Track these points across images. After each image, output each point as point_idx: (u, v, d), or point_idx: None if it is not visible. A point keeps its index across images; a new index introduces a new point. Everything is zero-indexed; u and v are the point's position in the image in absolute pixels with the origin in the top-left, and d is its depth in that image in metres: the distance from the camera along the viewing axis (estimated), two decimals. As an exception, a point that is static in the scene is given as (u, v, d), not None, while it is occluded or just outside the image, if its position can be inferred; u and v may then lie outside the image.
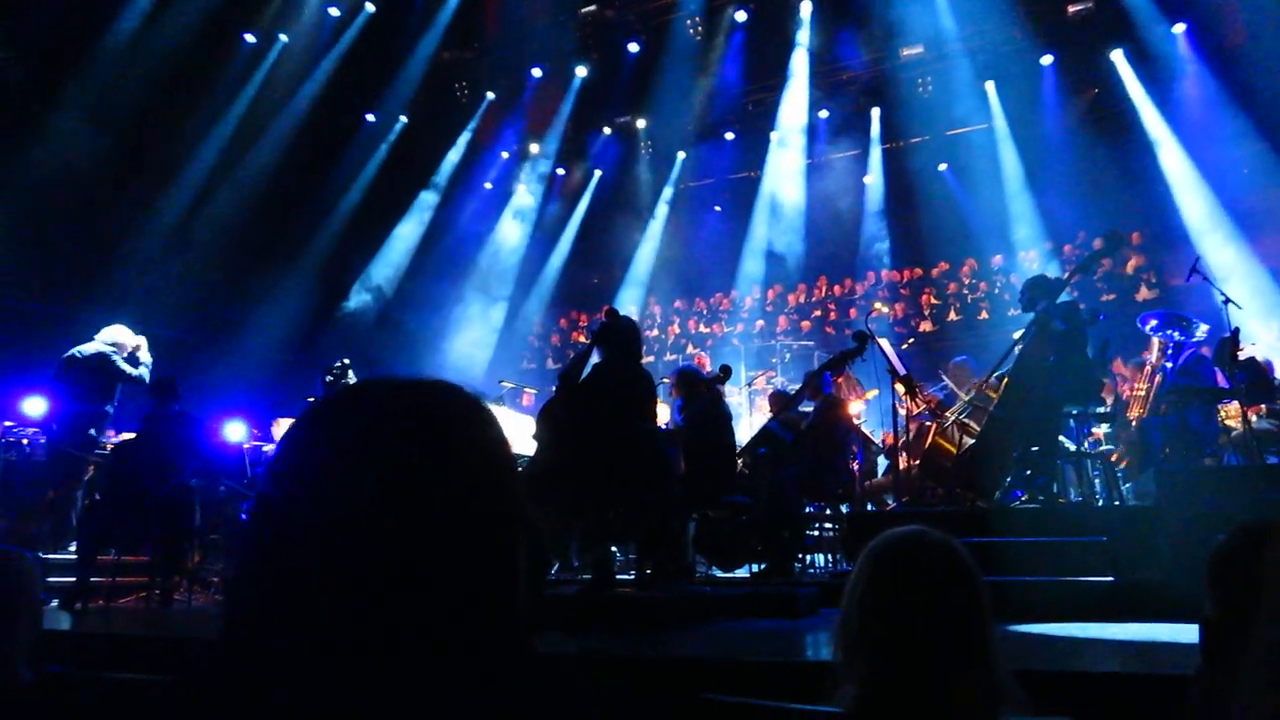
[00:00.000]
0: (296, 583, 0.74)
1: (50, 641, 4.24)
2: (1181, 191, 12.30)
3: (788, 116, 15.49)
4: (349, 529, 0.74)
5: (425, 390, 0.83)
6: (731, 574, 7.08)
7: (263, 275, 14.07)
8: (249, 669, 0.74)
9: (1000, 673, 1.53)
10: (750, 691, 2.42)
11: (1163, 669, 2.87)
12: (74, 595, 6.02)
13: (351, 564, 0.73)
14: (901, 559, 1.53)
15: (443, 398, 0.83)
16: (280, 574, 0.75)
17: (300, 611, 0.73)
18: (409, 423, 0.79)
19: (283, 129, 14.15)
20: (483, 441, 0.82)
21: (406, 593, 0.74)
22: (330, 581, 0.73)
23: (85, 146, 11.58)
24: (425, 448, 0.78)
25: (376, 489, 0.75)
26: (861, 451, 8.43)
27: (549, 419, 5.65)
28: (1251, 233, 11.44)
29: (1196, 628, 1.61)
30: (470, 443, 0.81)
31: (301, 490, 0.77)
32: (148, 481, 6.30)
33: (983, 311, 13.44)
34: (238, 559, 0.80)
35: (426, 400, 0.82)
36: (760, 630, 4.60)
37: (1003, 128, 14.25)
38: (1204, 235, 11.61)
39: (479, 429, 0.83)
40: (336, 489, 0.75)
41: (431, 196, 16.31)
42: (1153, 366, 8.19)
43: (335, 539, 0.74)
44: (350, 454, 0.77)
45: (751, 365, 13.13)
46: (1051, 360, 6.33)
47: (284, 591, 0.74)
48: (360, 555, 0.73)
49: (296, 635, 0.73)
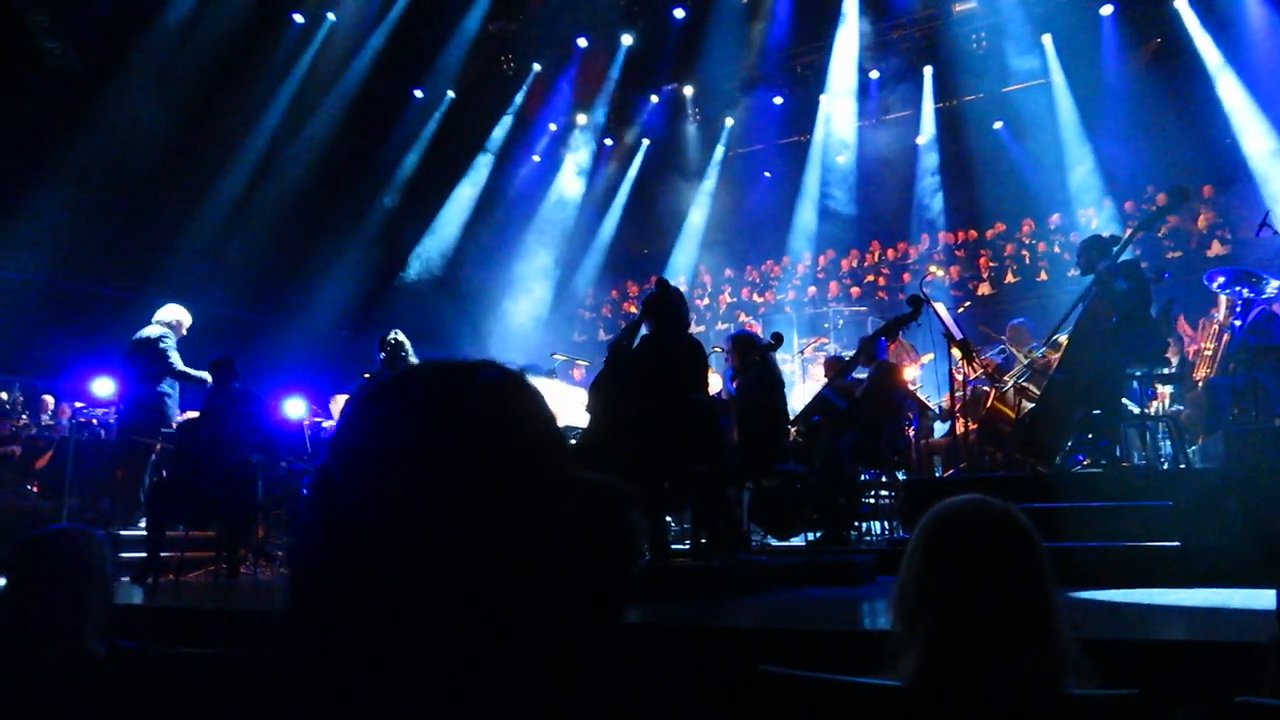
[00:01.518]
0: (355, 556, 0.77)
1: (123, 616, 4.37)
2: (1251, 143, 11.84)
3: (837, 78, 15.19)
4: (404, 504, 0.77)
5: (473, 371, 0.87)
6: (787, 543, 7.07)
7: (318, 253, 14.29)
8: (311, 641, 0.77)
9: (1063, 642, 1.50)
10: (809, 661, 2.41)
11: (1232, 636, 2.80)
12: (145, 571, 6.21)
13: (408, 539, 0.76)
14: (959, 528, 1.50)
15: (489, 377, 0.86)
16: (339, 547, 0.78)
17: (358, 583, 0.76)
18: (458, 402, 0.83)
19: (333, 107, 14.29)
20: (527, 418, 0.86)
21: (459, 567, 0.76)
22: (388, 556, 0.76)
23: (142, 132, 11.82)
24: (475, 425, 0.81)
25: (431, 465, 0.78)
26: (917, 417, 8.33)
27: (601, 391, 5.67)
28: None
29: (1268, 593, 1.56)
30: (515, 419, 0.85)
31: (359, 466, 0.81)
32: (211, 459, 6.45)
33: (1041, 273, 13.14)
34: (298, 533, 0.83)
35: (474, 380, 0.86)
36: (817, 599, 4.59)
37: (1061, 83, 13.82)
38: (1276, 188, 11.18)
39: (524, 406, 0.86)
40: (393, 466, 0.79)
41: (481, 171, 16.36)
42: (1220, 325, 7.95)
43: (391, 514, 0.77)
44: (404, 432, 0.80)
45: (804, 332, 13.01)
46: (1114, 320, 6.17)
47: (343, 564, 0.77)
48: (415, 530, 0.76)
49: (355, 607, 0.76)
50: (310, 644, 0.77)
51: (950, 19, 14.30)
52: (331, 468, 0.82)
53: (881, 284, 14.37)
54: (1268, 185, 11.33)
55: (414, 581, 0.75)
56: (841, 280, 14.60)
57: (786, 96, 16.09)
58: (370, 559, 0.76)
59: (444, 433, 0.80)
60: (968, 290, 13.40)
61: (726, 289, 15.94)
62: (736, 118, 16.60)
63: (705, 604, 4.28)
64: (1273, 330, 7.39)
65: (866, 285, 14.41)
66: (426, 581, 0.75)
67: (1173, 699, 1.51)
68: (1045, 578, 1.49)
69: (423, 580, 0.75)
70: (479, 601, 0.76)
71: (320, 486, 0.83)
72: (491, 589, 0.77)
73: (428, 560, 0.76)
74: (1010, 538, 1.49)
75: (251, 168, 13.49)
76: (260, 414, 7.07)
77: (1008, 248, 13.73)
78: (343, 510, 0.79)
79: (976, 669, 1.43)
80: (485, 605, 0.76)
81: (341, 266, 14.51)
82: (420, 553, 0.76)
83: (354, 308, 14.65)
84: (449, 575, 0.76)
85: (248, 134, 13.50)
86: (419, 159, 15.76)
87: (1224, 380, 7.46)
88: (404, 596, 0.75)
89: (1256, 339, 7.33)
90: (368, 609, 0.75)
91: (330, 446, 0.84)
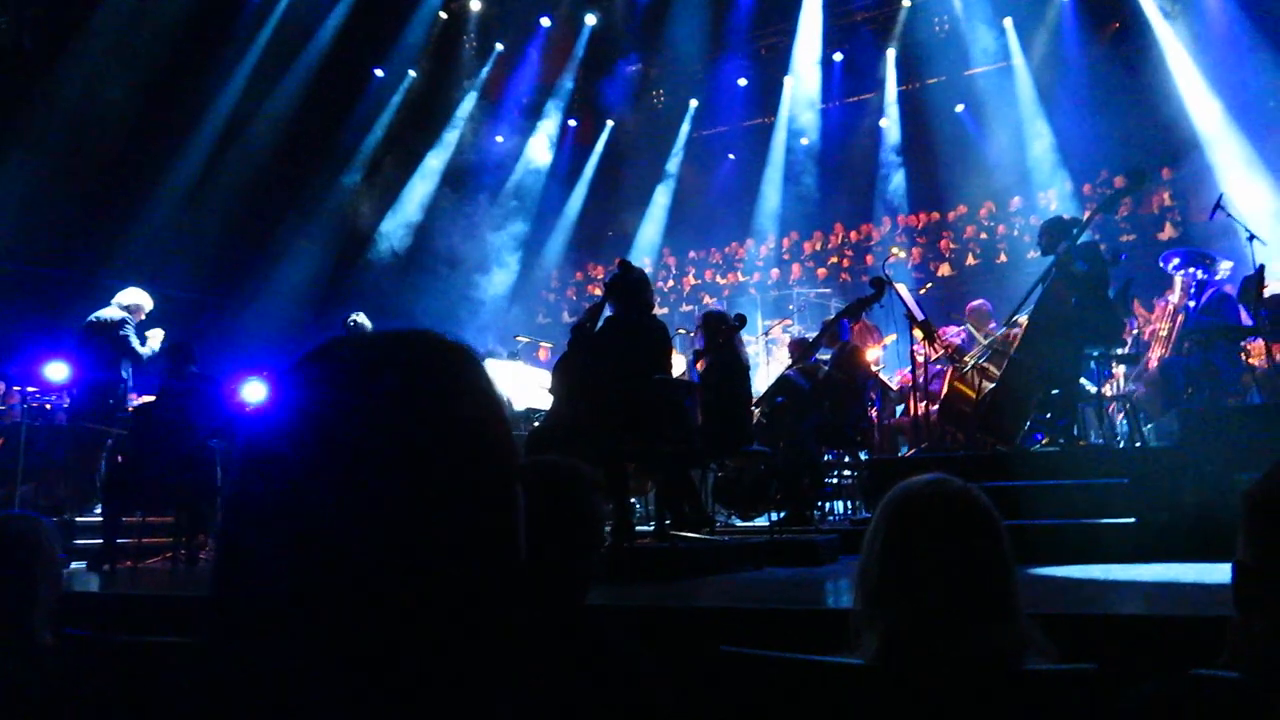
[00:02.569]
0: (281, 539, 0.71)
1: (78, 603, 4.30)
2: (1207, 128, 12.01)
3: (801, 61, 15.22)
4: (335, 483, 0.71)
5: (410, 340, 0.79)
6: (751, 523, 7.09)
7: (279, 234, 14.09)
8: (237, 627, 0.72)
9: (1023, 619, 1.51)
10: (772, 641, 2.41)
11: (1187, 611, 2.84)
12: (101, 557, 6.11)
13: (336, 519, 0.70)
14: (920, 508, 1.50)
15: (428, 347, 0.79)
16: (264, 530, 0.72)
17: (285, 568, 0.70)
18: (392, 373, 0.76)
19: (293, 86, 14.05)
20: (470, 390, 0.78)
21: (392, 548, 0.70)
22: (317, 538, 0.70)
23: (96, 111, 11.55)
24: (408, 398, 0.74)
25: (360, 440, 0.72)
26: (880, 398, 8.39)
27: (564, 373, 5.64)
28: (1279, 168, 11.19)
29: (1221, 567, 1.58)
30: (457, 392, 0.77)
31: (284, 443, 0.73)
32: (168, 444, 6.35)
33: (1001, 255, 13.28)
34: (222, 515, 0.77)
35: (412, 350, 0.78)
36: (781, 579, 4.61)
37: (1021, 66, 13.93)
38: (1230, 172, 11.35)
39: (465, 378, 0.79)
40: (323, 442, 0.72)
41: (444, 152, 16.18)
42: (1175, 306, 8.07)
43: (320, 494, 0.70)
44: (333, 404, 0.74)
45: (768, 314, 13.05)
46: (1073, 302, 6.24)
47: (269, 548, 0.71)
48: (344, 510, 0.70)
49: (284, 594, 0.70)
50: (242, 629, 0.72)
51: (913, 2, 14.34)
52: (255, 443, 0.75)
53: (845, 266, 14.45)
54: (1221, 168, 11.50)
55: (351, 561, 0.69)
56: (805, 262, 14.65)
57: (750, 78, 16.09)
58: (305, 538, 0.70)
59: (383, 402, 0.73)
60: (929, 272, 13.51)
61: (691, 270, 15.94)
62: (700, 99, 16.57)
63: (669, 585, 4.28)
64: (1225, 311, 7.52)
65: (830, 267, 14.48)
66: (364, 561, 0.69)
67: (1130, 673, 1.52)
68: (1005, 556, 1.50)
69: (360, 560, 0.69)
70: (422, 582, 0.71)
71: (244, 463, 0.75)
72: (437, 567, 0.71)
73: (365, 537, 0.70)
74: (971, 517, 1.49)
75: (209, 148, 13.23)
76: (218, 398, 6.97)
77: (968, 230, 13.86)
78: (274, 486, 0.72)
79: (938, 647, 1.43)
80: (430, 586, 0.71)
81: (303, 247, 14.31)
82: (357, 529, 0.70)
83: (316, 289, 14.47)
84: (386, 553, 0.70)
85: (205, 113, 13.22)
86: (380, 139, 15.56)
87: (1179, 360, 7.59)
88: (340, 577, 0.69)
89: (1210, 319, 7.46)
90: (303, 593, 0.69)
91: (254, 421, 0.77)
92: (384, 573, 0.70)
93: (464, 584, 0.73)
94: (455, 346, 0.81)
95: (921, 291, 9.32)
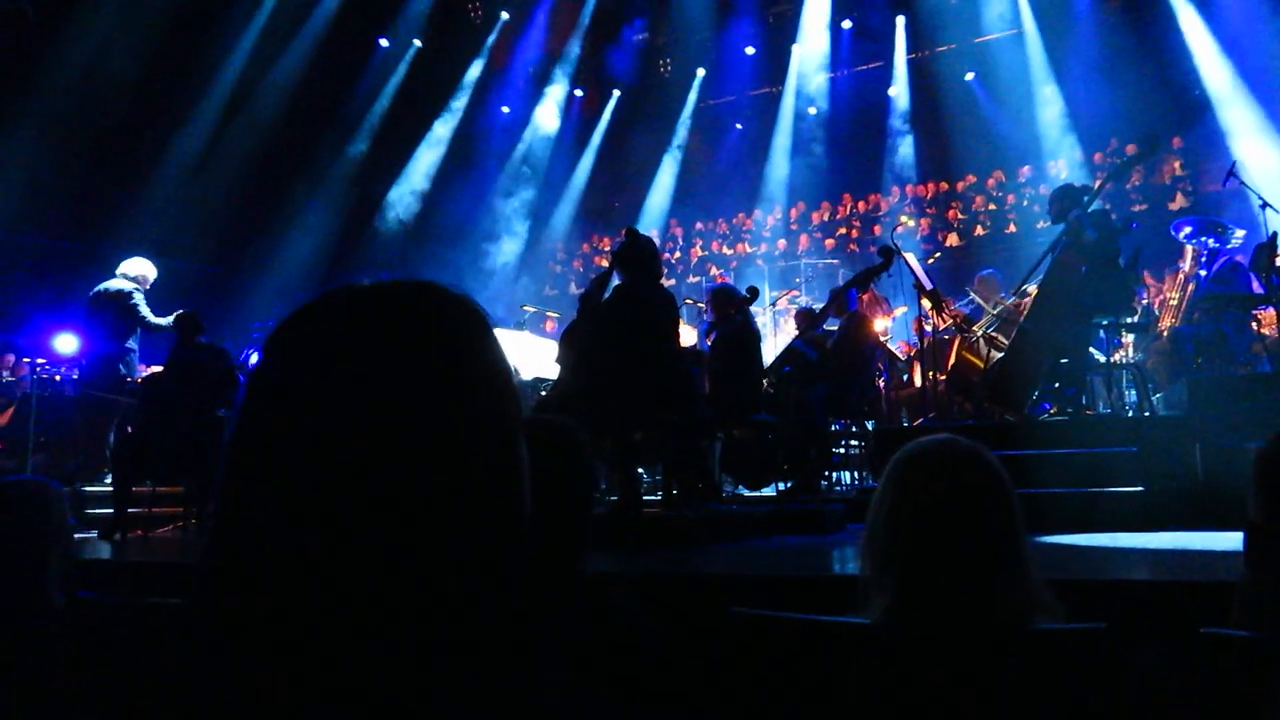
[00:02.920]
0: (282, 495, 0.69)
1: (90, 571, 4.34)
2: (1221, 95, 11.88)
3: (809, 29, 15.06)
4: (331, 442, 0.68)
5: (408, 292, 0.76)
6: (758, 492, 7.11)
7: (286, 205, 14.05)
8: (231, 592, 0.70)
9: (1033, 580, 1.50)
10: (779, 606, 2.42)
11: (1196, 576, 2.84)
12: (112, 526, 6.15)
13: (336, 479, 0.68)
14: (930, 467, 1.49)
15: (427, 299, 0.76)
16: (260, 492, 0.70)
17: (286, 525, 0.68)
18: (394, 325, 0.73)
19: (297, 57, 13.94)
20: (474, 345, 0.76)
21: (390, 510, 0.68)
22: (317, 495, 0.68)
23: (101, 81, 11.48)
24: (410, 350, 0.72)
25: (359, 399, 0.69)
26: (888, 369, 8.37)
27: (572, 342, 5.63)
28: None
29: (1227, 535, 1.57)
30: (460, 344, 0.75)
31: (282, 402, 0.71)
32: (177, 414, 6.38)
33: (1010, 225, 13.18)
34: (219, 478, 0.73)
35: (410, 302, 0.75)
36: (788, 547, 4.62)
37: (1033, 33, 13.76)
38: (1243, 139, 11.24)
39: (468, 331, 0.76)
40: (318, 401, 0.69)
41: (448, 122, 16.09)
42: (1185, 274, 8.02)
43: (317, 456, 0.68)
44: (330, 361, 0.71)
45: (775, 285, 13.00)
46: (1083, 271, 6.20)
47: (264, 511, 0.69)
48: (344, 469, 0.68)
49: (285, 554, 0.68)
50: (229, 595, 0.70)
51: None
52: (253, 402, 0.72)
53: (853, 236, 14.37)
54: (1234, 135, 11.39)
55: (353, 517, 0.67)
56: (813, 233, 14.58)
57: (758, 47, 15.93)
58: (306, 494, 0.68)
59: (384, 354, 0.71)
60: (937, 242, 13.44)
61: (698, 242, 15.87)
62: (708, 68, 16.41)
63: (677, 553, 4.29)
64: (1237, 280, 7.47)
65: (838, 238, 14.40)
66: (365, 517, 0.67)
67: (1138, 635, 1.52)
68: (1014, 516, 1.49)
69: (362, 515, 0.67)
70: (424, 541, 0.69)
71: (242, 423, 0.72)
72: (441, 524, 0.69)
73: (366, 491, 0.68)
74: (979, 476, 1.49)
75: (215, 118, 13.17)
76: (227, 368, 6.99)
77: (977, 200, 13.75)
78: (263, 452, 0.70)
79: (946, 606, 1.43)
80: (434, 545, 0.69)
81: (310, 218, 14.28)
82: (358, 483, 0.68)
83: (323, 260, 14.44)
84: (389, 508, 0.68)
85: (210, 83, 13.15)
86: (386, 109, 15.47)
87: (1188, 329, 7.55)
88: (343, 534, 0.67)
89: (1221, 288, 7.41)
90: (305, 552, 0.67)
91: (252, 378, 0.74)
92: (387, 529, 0.68)
93: (468, 543, 0.71)
94: (458, 299, 0.78)
95: (930, 261, 9.28)
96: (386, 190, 15.66)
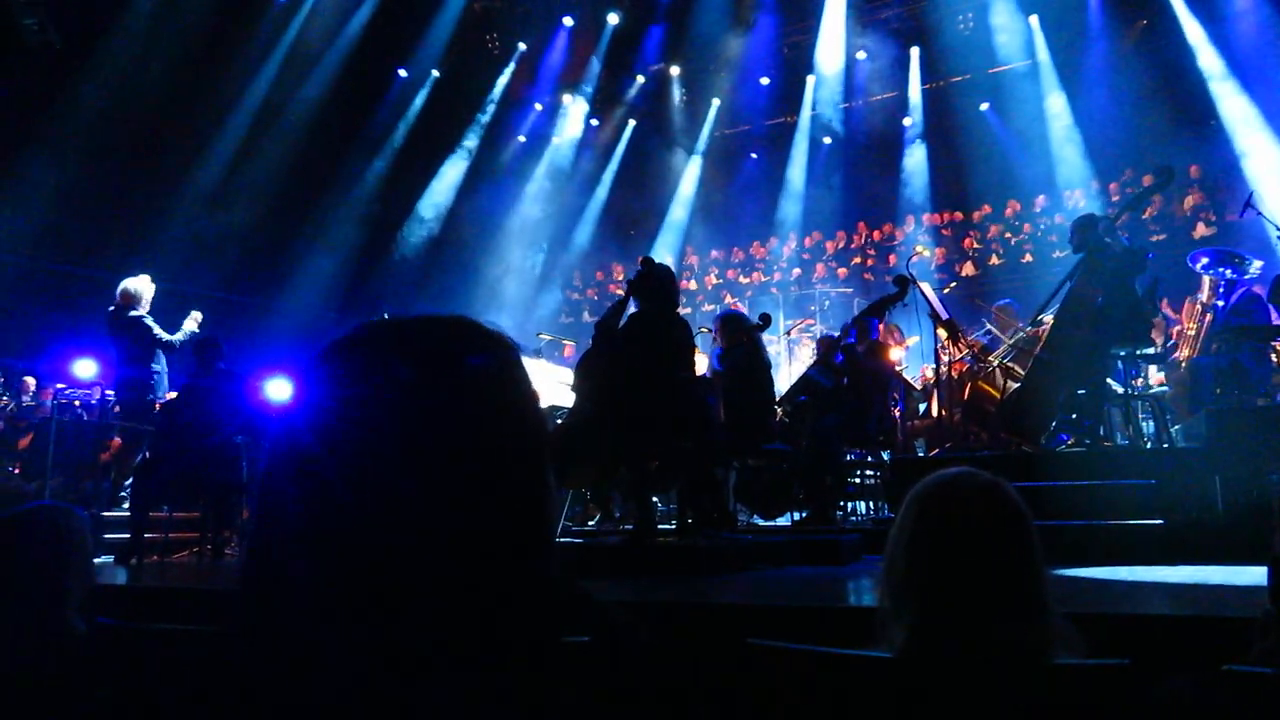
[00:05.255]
0: (313, 530, 0.70)
1: (107, 596, 4.34)
2: (1236, 125, 11.88)
3: (824, 59, 15.16)
4: (366, 473, 0.70)
5: (444, 326, 0.79)
6: (773, 522, 7.07)
7: (303, 233, 14.20)
8: (265, 619, 0.72)
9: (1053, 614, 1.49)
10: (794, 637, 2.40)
11: (1216, 611, 2.81)
12: (129, 551, 6.16)
13: (369, 510, 0.69)
14: (948, 500, 1.49)
15: (462, 334, 0.79)
16: (296, 522, 0.71)
17: (316, 559, 0.70)
18: (428, 360, 0.75)
19: (316, 87, 14.14)
20: (508, 380, 0.78)
21: (426, 540, 0.70)
22: (347, 529, 0.69)
23: (122, 111, 11.65)
24: (446, 386, 0.74)
25: (395, 431, 0.71)
26: (903, 398, 8.34)
27: (587, 370, 5.64)
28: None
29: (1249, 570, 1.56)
30: (495, 381, 0.77)
31: (317, 434, 0.72)
32: (194, 439, 6.40)
33: (1026, 254, 13.18)
34: (254, 507, 0.76)
35: (446, 337, 0.78)
36: (803, 577, 4.59)
37: (1047, 63, 13.83)
38: (1261, 168, 11.22)
39: (502, 367, 0.78)
40: (353, 432, 0.71)
41: (465, 152, 16.24)
42: (1203, 305, 7.98)
43: (352, 485, 0.70)
44: (367, 393, 0.73)
45: (790, 314, 13.02)
46: (1100, 301, 6.18)
47: (300, 540, 0.71)
48: (377, 501, 0.70)
49: (312, 585, 0.70)
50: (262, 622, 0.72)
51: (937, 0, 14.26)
52: (288, 435, 0.74)
53: (868, 265, 14.39)
54: (1252, 165, 11.37)
55: (376, 557, 0.69)
56: (827, 262, 14.60)
57: (773, 77, 16.03)
58: (335, 531, 0.70)
59: (412, 394, 0.72)
60: (953, 272, 13.43)
61: (713, 270, 15.91)
62: (723, 98, 16.53)
63: (691, 582, 4.27)
64: (1255, 311, 7.43)
65: (853, 267, 14.42)
66: (391, 557, 0.69)
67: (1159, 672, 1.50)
68: (1033, 549, 1.48)
69: (386, 556, 0.69)
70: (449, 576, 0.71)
71: (276, 455, 0.75)
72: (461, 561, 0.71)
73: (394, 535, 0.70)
74: (999, 509, 1.48)
75: (234, 147, 13.34)
76: (244, 394, 7.02)
77: (992, 229, 13.75)
78: (299, 481, 0.72)
79: (965, 640, 1.42)
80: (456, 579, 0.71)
81: (327, 246, 14.41)
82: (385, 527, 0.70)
83: (340, 288, 14.56)
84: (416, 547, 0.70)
85: (230, 113, 13.34)
86: (404, 139, 15.63)
87: (1207, 360, 7.50)
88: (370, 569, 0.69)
89: (1239, 319, 7.36)
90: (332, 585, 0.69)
91: (287, 411, 0.76)
92: (414, 566, 0.70)
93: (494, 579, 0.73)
94: (492, 334, 0.80)
95: (945, 291, 9.26)
96: (403, 218, 15.81)
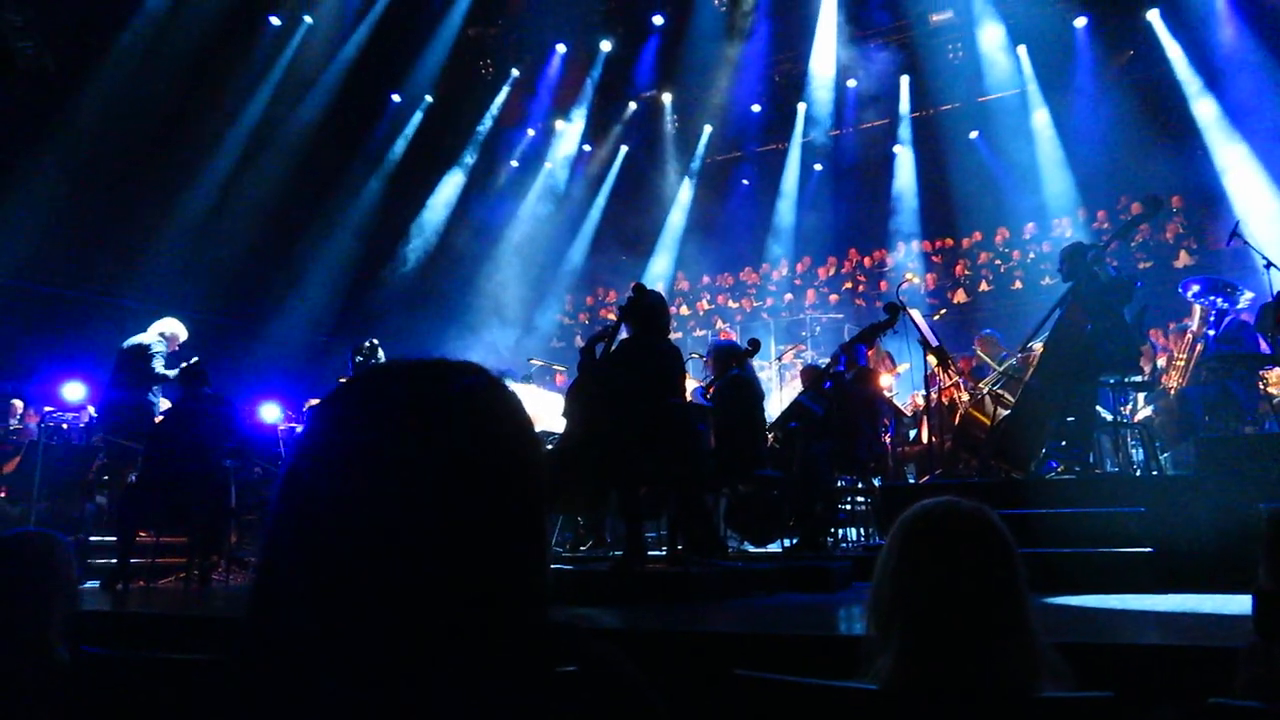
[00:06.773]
0: (321, 563, 0.74)
1: (92, 622, 4.30)
2: (1221, 154, 12.01)
3: (815, 87, 15.29)
4: (373, 510, 0.74)
5: (448, 371, 0.83)
6: (764, 549, 7.06)
7: (294, 258, 14.19)
8: (272, 649, 0.74)
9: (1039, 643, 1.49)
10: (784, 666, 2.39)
11: (1205, 641, 2.81)
12: (115, 576, 6.11)
13: (375, 545, 0.73)
14: (934, 529, 1.49)
15: (465, 378, 0.83)
16: (305, 554, 0.75)
17: (323, 591, 0.73)
18: (433, 403, 0.79)
19: (310, 112, 14.19)
20: (507, 421, 0.83)
21: (431, 574, 0.74)
22: (354, 562, 0.73)
23: (115, 135, 11.67)
24: (448, 428, 0.78)
25: (401, 469, 0.75)
26: (894, 424, 8.35)
27: (578, 396, 5.64)
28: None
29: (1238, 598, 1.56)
30: (495, 422, 0.81)
31: (327, 470, 0.77)
32: (182, 464, 6.36)
33: (1016, 281, 13.25)
34: (263, 539, 0.79)
35: (450, 381, 0.82)
36: (793, 605, 4.58)
37: (1035, 93, 13.98)
38: (1245, 198, 11.32)
39: (503, 409, 0.83)
40: (362, 469, 0.76)
41: (458, 177, 16.30)
42: (1194, 334, 8.01)
43: (359, 520, 0.74)
44: (376, 433, 0.77)
45: (781, 339, 13.05)
46: (1089, 328, 6.20)
47: (308, 571, 0.74)
48: (384, 536, 0.74)
49: (320, 615, 0.73)
50: (277, 645, 0.75)
51: (928, 29, 14.41)
52: (299, 469, 0.79)
53: (859, 291, 14.45)
54: (1236, 195, 11.48)
55: (382, 589, 0.73)
56: (819, 287, 14.66)
57: (764, 104, 16.16)
58: (340, 559, 0.73)
59: (421, 432, 0.77)
60: (944, 298, 13.49)
61: (704, 296, 15.96)
62: (714, 125, 16.65)
63: (681, 609, 4.25)
64: (1245, 339, 7.46)
65: (843, 293, 14.48)
66: (397, 590, 0.73)
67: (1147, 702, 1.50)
68: (1018, 577, 1.48)
69: (392, 589, 0.73)
70: (447, 603, 0.74)
71: (289, 485, 0.79)
72: (460, 591, 0.75)
73: (399, 569, 0.73)
74: (983, 537, 1.48)
75: (225, 173, 13.36)
76: (232, 418, 6.99)
77: (982, 256, 13.84)
78: (313, 509, 0.76)
79: (952, 669, 1.42)
80: (453, 606, 0.74)
81: (317, 271, 14.41)
82: (390, 554, 0.73)
83: (330, 313, 14.56)
84: (418, 577, 0.73)
85: (222, 137, 13.37)
86: (396, 164, 15.69)
87: (1196, 389, 7.52)
88: (372, 597, 0.73)
89: (1229, 347, 7.39)
90: (336, 609, 0.73)
91: (298, 446, 0.81)
92: (420, 601, 0.73)
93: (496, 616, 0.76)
94: (493, 379, 0.84)
95: (935, 317, 9.30)
96: (396, 243, 15.81)
